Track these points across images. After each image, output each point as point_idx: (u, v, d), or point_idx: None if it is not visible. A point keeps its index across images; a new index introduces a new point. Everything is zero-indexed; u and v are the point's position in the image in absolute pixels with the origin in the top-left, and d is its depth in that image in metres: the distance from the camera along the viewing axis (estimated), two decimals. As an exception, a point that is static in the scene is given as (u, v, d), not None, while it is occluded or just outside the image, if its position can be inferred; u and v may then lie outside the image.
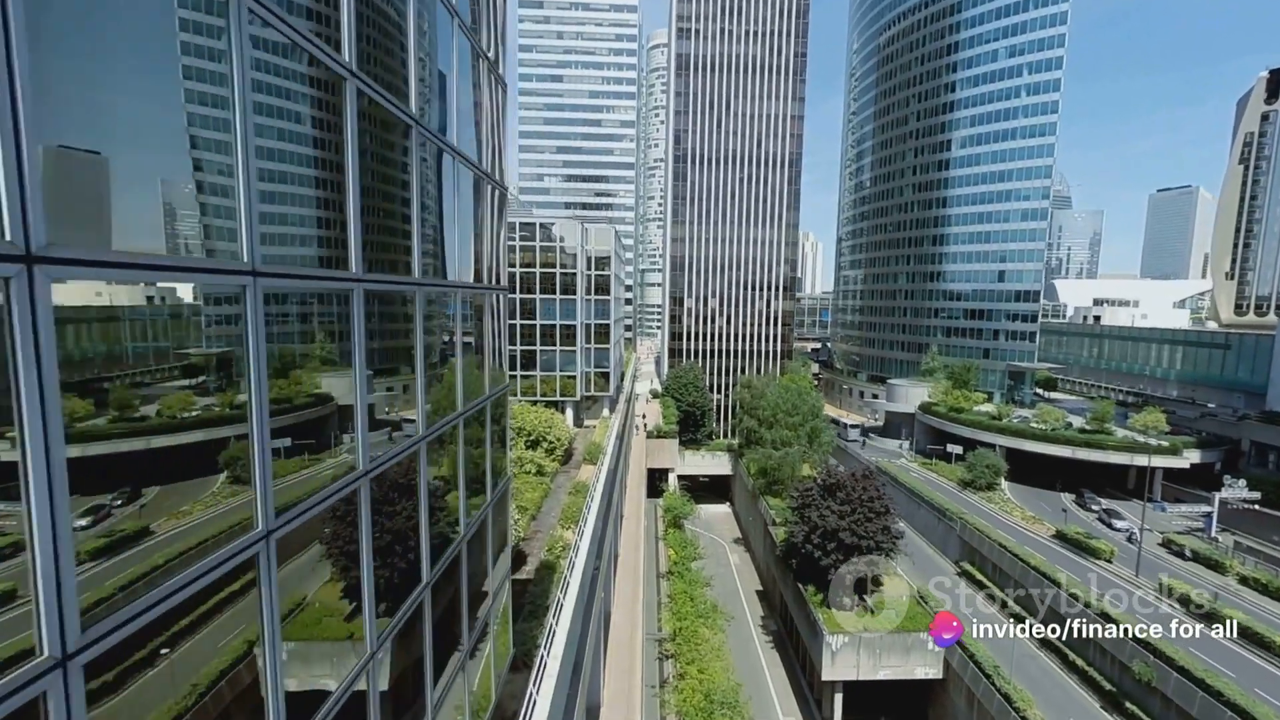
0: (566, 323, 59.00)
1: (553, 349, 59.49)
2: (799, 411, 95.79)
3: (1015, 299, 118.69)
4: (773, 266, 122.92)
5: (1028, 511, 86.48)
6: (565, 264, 59.83)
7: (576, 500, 39.49)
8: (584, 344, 60.73)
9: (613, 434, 55.18)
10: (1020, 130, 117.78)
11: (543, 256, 58.20)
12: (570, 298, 58.74)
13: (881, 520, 59.86)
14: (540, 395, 60.93)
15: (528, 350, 60.32)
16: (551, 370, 59.54)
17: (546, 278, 58.41)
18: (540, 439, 49.11)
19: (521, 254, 58.88)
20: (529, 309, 58.99)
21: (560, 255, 58.85)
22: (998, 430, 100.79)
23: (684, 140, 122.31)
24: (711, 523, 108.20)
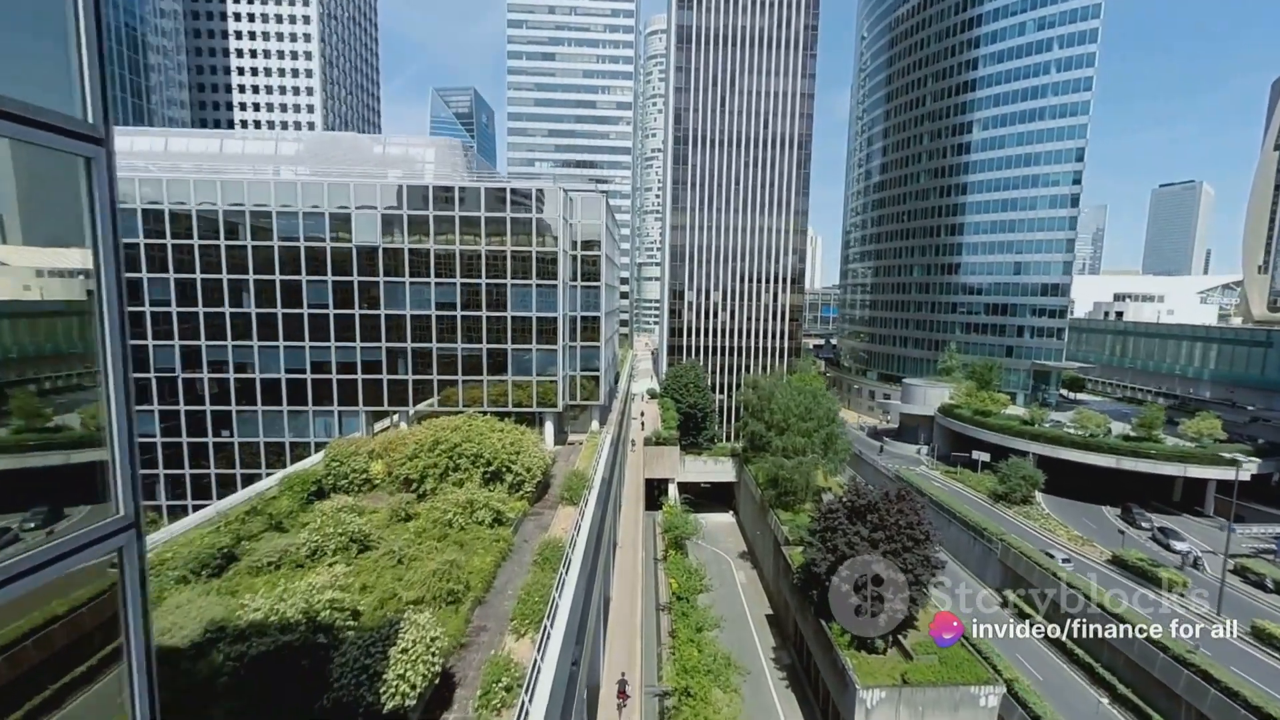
0: (545, 315, 45.59)
1: (528, 348, 45.96)
2: (813, 416, 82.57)
3: (1041, 293, 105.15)
4: (779, 256, 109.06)
5: (1073, 530, 73.07)
6: (544, 241, 46.05)
7: (543, 577, 25.72)
8: (567, 341, 47.28)
9: (602, 458, 41.45)
10: (1049, 110, 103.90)
11: (514, 232, 44.66)
12: (550, 283, 45.26)
13: (922, 550, 48.86)
14: (512, 405, 47.17)
15: (496, 349, 46.87)
16: (526, 374, 46.14)
17: (519, 258, 44.89)
18: (504, 469, 35.37)
19: (487, 228, 45.15)
20: (497, 297, 45.50)
21: (537, 230, 45.22)
22: (1031, 436, 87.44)
23: (684, 120, 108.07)
24: (714, 534, 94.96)
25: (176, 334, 45.12)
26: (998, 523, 71.84)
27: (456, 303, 46.59)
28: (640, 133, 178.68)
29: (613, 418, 55.90)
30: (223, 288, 45.05)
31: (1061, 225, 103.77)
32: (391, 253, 45.84)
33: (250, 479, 45.14)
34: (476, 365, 47.05)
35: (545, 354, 47.49)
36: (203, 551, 25.66)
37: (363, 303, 45.92)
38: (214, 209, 44.47)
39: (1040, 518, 76.24)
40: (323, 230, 45.29)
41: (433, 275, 46.07)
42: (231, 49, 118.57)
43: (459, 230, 46.03)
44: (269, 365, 45.93)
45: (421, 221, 45.66)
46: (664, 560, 70.24)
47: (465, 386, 47.13)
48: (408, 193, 45.35)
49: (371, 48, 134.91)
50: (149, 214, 44.26)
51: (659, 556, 73.66)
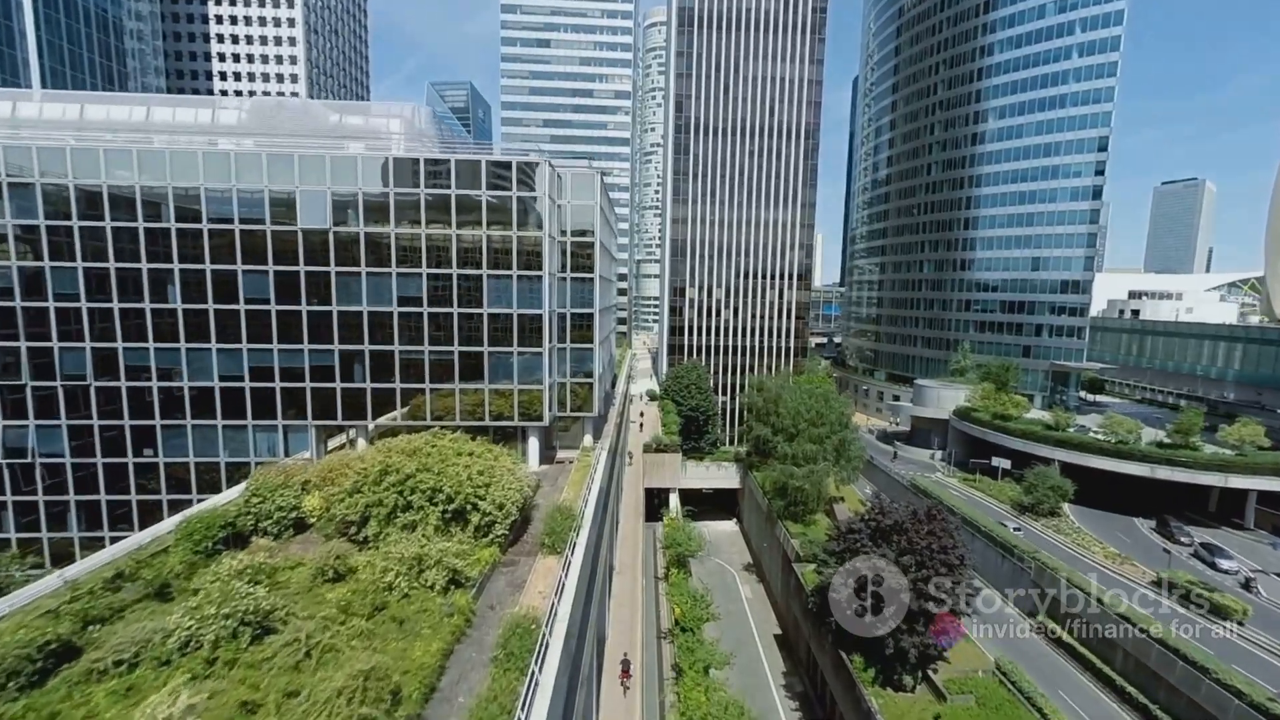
0: (528, 311, 37.00)
1: (507, 350, 37.32)
2: (824, 421, 74.05)
3: (1060, 290, 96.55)
4: (785, 252, 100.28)
5: (1107, 546, 64.58)
6: (527, 225, 37.32)
7: (507, 682, 17.19)
8: (555, 342, 38.65)
9: (594, 485, 32.73)
10: (1070, 97, 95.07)
11: (491, 214, 35.98)
12: (534, 275, 36.63)
13: (956, 575, 42.01)
14: (490, 417, 38.49)
15: (470, 352, 38.62)
16: (506, 381, 37.56)
17: (498, 245, 36.18)
18: (469, 506, 26.78)
19: (459, 209, 36.36)
20: (471, 291, 36.78)
21: (519, 213, 36.55)
22: (1055, 442, 78.95)
23: (686, 108, 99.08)
24: (717, 544, 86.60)
25: (88, 334, 36.48)
26: (1024, 537, 63.66)
27: (423, 297, 37.93)
28: (639, 127, 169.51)
29: (609, 429, 47.25)
30: (142, 279, 36.43)
31: (1083, 218, 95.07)
32: (345, 238, 37.18)
33: (181, 505, 36.65)
34: (447, 371, 38.38)
35: (528, 357, 38.81)
36: (12, 650, 17.07)
37: (311, 297, 37.30)
38: (130, 185, 35.81)
39: (1071, 531, 67.85)
40: (262, 211, 36.59)
41: (394, 265, 37.44)
42: (212, 34, 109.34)
43: (425, 212, 37.32)
44: (200, 371, 37.26)
45: (380, 201, 37.00)
46: (665, 579, 61.90)
47: (434, 396, 38.53)
48: (364, 167, 36.71)
49: (362, 36, 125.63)
50: (51, 192, 35.58)
51: (659, 575, 65.28)
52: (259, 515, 27.73)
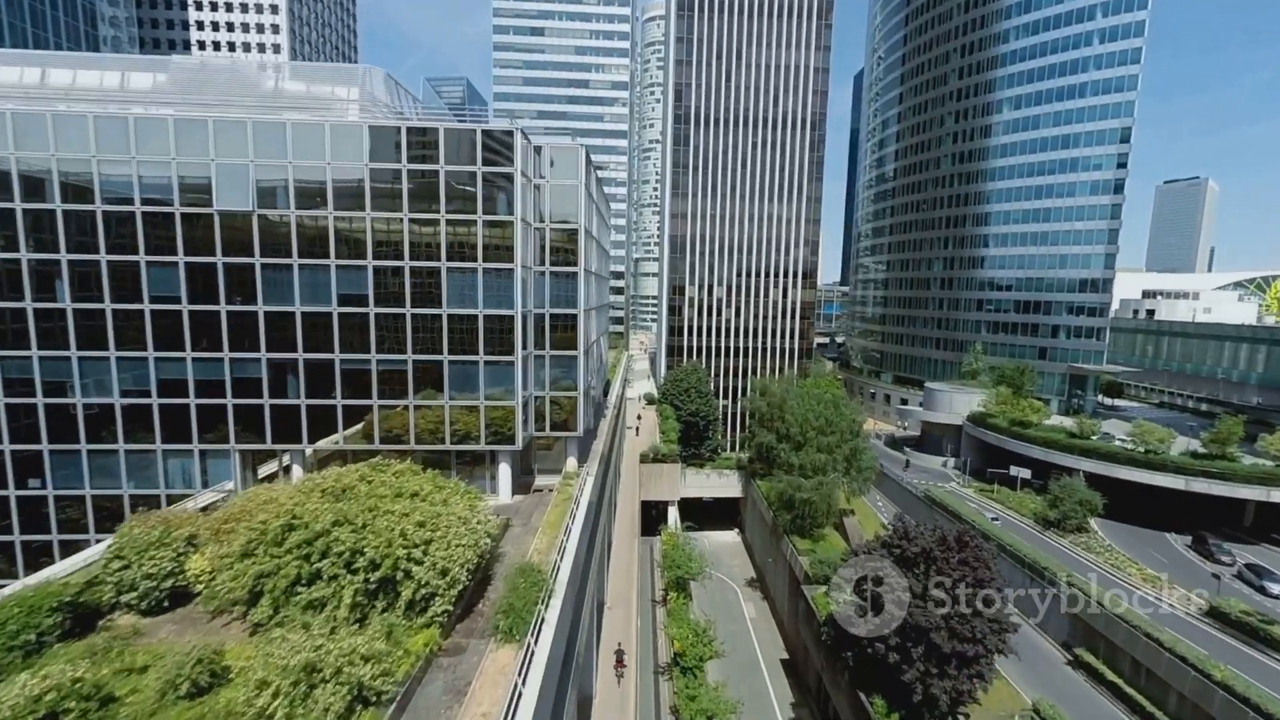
0: (498, 312, 29.37)
1: (472, 359, 29.73)
2: (834, 429, 66.30)
3: (1079, 288, 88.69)
4: (790, 248, 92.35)
5: (1144, 567, 57.00)
6: (495, 207, 29.59)
7: None
8: (531, 348, 30.89)
9: (575, 530, 24.81)
10: (1091, 86, 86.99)
11: (452, 196, 28.30)
12: (504, 268, 28.97)
13: (992, 612, 35.48)
14: (451, 440, 30.68)
15: (426, 362, 30.48)
16: (471, 395, 30.57)
17: (460, 235, 28.52)
18: (401, 573, 18.95)
19: (412, 190, 28.82)
20: (427, 289, 29.05)
21: (485, 192, 28.84)
22: (1080, 451, 71.27)
23: (686, 96, 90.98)
24: (718, 555, 78.95)
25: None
26: (1052, 555, 56.20)
27: (368, 294, 30.15)
28: (638, 123, 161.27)
29: (599, 446, 39.42)
30: (22, 272, 28.67)
31: (1103, 214, 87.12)
32: (272, 223, 29.45)
33: (78, 546, 29.05)
34: (399, 384, 30.63)
35: (498, 367, 31.03)
36: None
37: (232, 295, 29.52)
38: (3, 157, 28.01)
39: (1101, 550, 60.22)
40: (170, 190, 28.86)
41: (333, 255, 29.71)
42: (191, 20, 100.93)
43: (371, 191, 29.55)
44: (96, 385, 29.55)
45: (317, 178, 29.26)
46: (663, 603, 54.32)
47: (384, 414, 30.76)
48: (295, 136, 28.92)
49: (350, 24, 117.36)
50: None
51: (656, 598, 57.71)
52: (120, 586, 20.04)
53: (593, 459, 36.95)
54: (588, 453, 38.48)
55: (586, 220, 34.26)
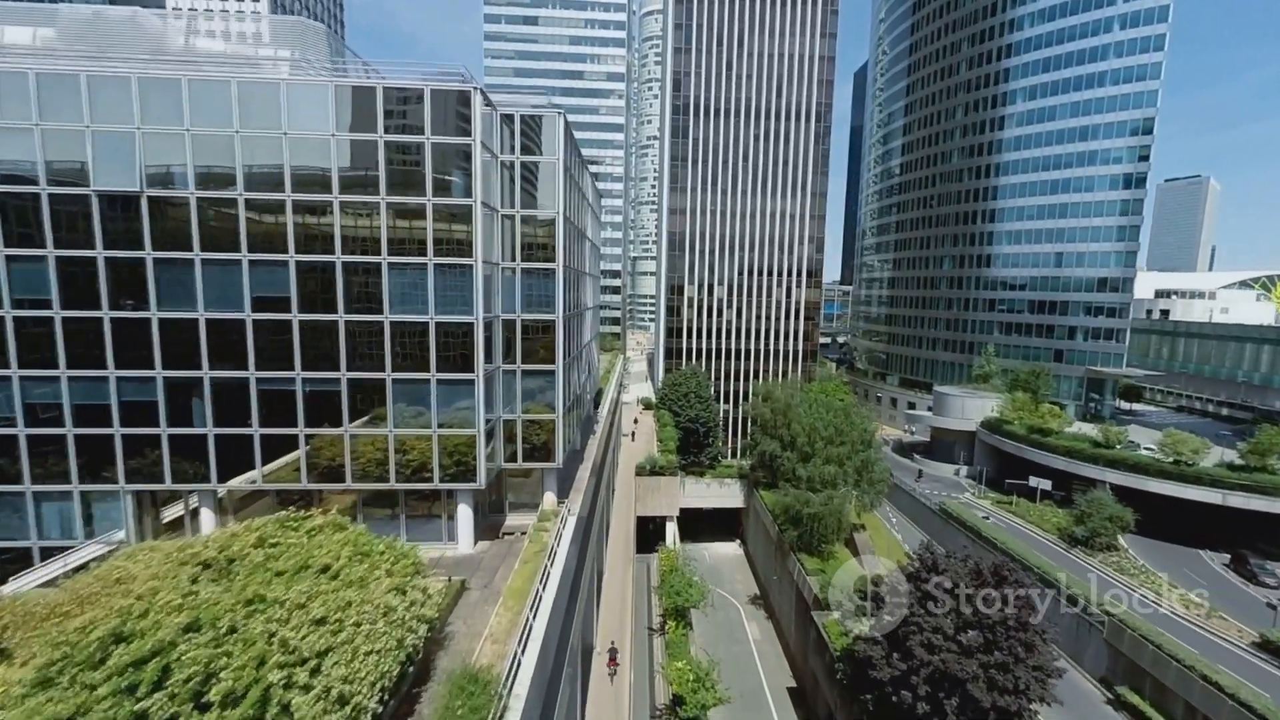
0: (453, 319, 22.82)
1: (420, 377, 23.35)
2: (844, 439, 59.59)
3: (1097, 288, 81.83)
4: (794, 246, 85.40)
5: (1185, 592, 50.36)
6: (449, 189, 22.74)
7: None
8: (497, 362, 24.21)
9: (541, 619, 17.60)
10: (1111, 74, 79.90)
11: (395, 172, 21.69)
12: (460, 264, 22.43)
13: (1036, 659, 30.20)
14: (397, 477, 23.79)
15: (364, 380, 23.79)
16: (418, 421, 23.91)
17: (404, 221, 21.91)
18: (273, 707, 12.36)
19: (343, 163, 22.46)
20: (364, 289, 22.42)
21: (437, 169, 22.17)
22: (1106, 462, 64.49)
23: (685, 86, 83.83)
24: (719, 568, 72.38)
25: None
26: (1083, 577, 49.81)
27: (291, 296, 23.25)
28: (635, 119, 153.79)
29: (585, 475, 32.46)
30: None
31: (1123, 209, 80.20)
32: (167, 207, 22.65)
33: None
34: (331, 408, 23.85)
35: (453, 387, 24.19)
36: None
37: (118, 297, 22.68)
38: None
39: (1135, 571, 53.63)
40: (34, 165, 21.94)
41: (245, 248, 22.87)
42: None
43: (291, 168, 22.70)
44: (-55, 411, 22.78)
45: (222, 152, 22.38)
46: (661, 631, 47.62)
47: (313, 446, 23.96)
48: (194, 97, 22.09)
49: (336, 14, 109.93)
50: None
51: (653, 625, 50.95)
52: None
53: (577, 490, 30.13)
54: (571, 481, 31.61)
55: (567, 206, 27.33)
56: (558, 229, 26.41)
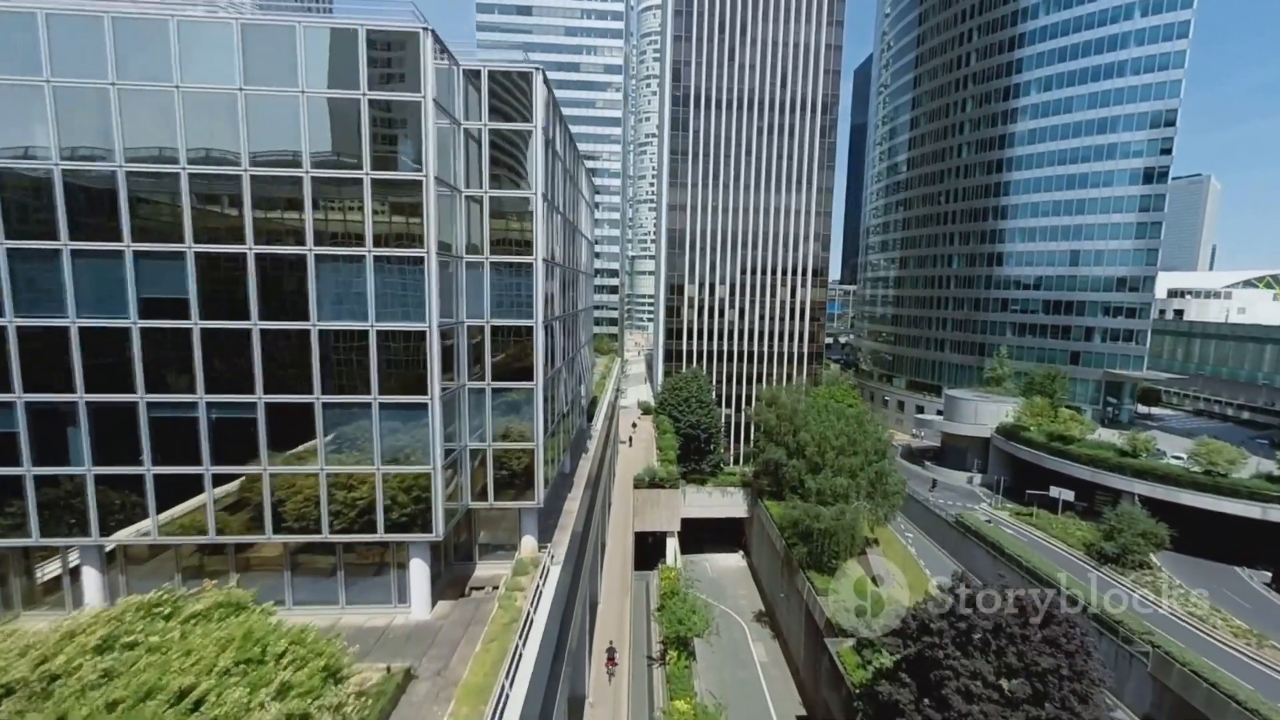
0: (401, 327, 17.72)
1: (360, 400, 17.42)
2: (857, 448, 54.07)
3: (1115, 287, 76.28)
4: (799, 243, 79.71)
5: (1229, 616, 45.16)
6: (393, 162, 17.27)
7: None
8: (463, 378, 18.89)
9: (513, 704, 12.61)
10: (1131, 64, 74.19)
11: (319, 138, 16.61)
12: (408, 255, 17.32)
13: (1091, 710, 24.80)
14: (332, 529, 18.24)
15: (287, 405, 17.79)
16: (361, 455, 18.13)
17: (337, 202, 16.83)
18: None
19: (254, 125, 17.22)
20: (286, 289, 17.07)
21: (376, 135, 16.95)
22: (1134, 472, 59.14)
23: (685, 76, 77.97)
24: (722, 582, 67.03)
25: None
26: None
27: (190, 298, 17.58)
28: (634, 116, 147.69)
29: (573, 508, 26.67)
30: None
31: (1144, 205, 74.62)
32: (18, 183, 16.96)
33: None
34: (244, 440, 18.08)
35: (402, 413, 18.54)
36: None
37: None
38: None
39: (1174, 592, 48.19)
40: None
41: (128, 235, 17.17)
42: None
43: (187, 132, 16.99)
44: None
45: (94, 112, 16.71)
46: (661, 661, 42.13)
47: (222, 489, 18.39)
48: (53, 34, 16.48)
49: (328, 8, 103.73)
50: None
51: (652, 655, 45.40)
52: None
53: (564, 528, 24.46)
54: (557, 516, 25.92)
55: (548, 185, 21.64)
56: (536, 213, 20.68)
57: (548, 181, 21.80)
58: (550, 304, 23.16)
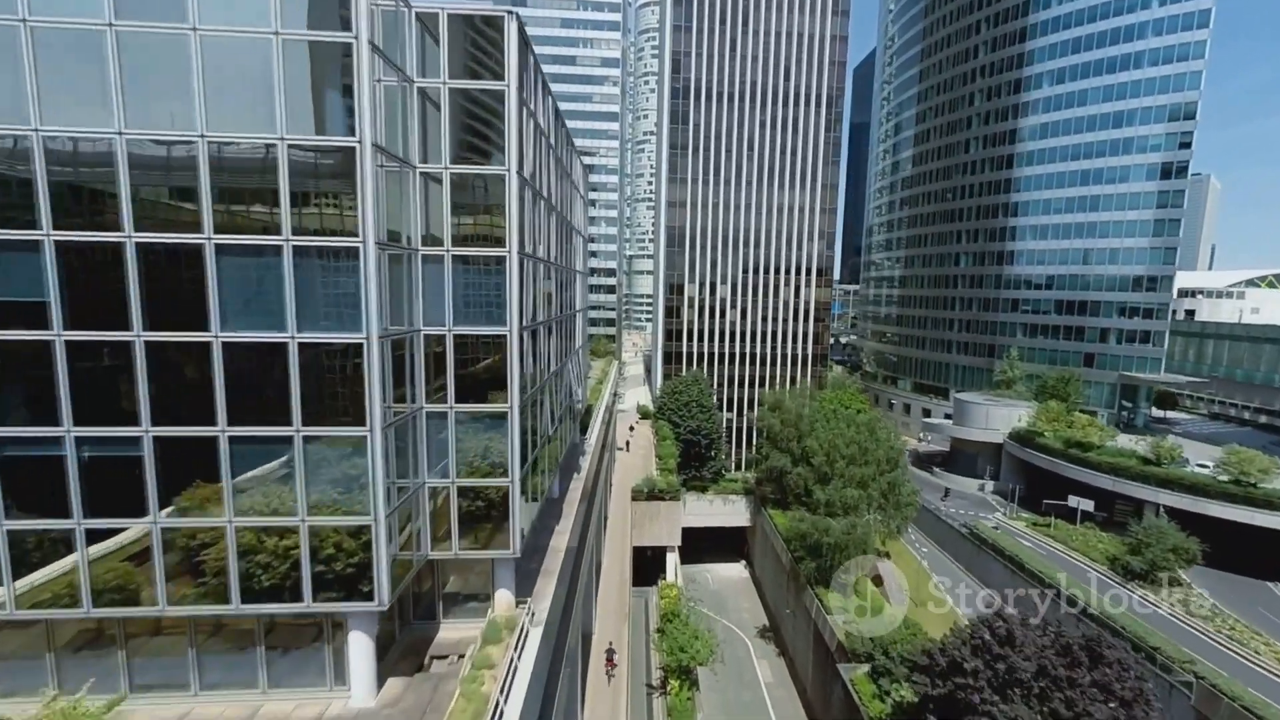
0: (331, 339, 13.86)
1: (278, 433, 13.70)
2: (869, 457, 49.72)
3: (1132, 286, 72.07)
4: (803, 242, 75.26)
5: (1272, 640, 41.08)
6: (320, 123, 13.06)
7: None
8: (419, 400, 14.71)
9: None
10: (1149, 54, 69.86)
11: (222, 90, 12.66)
12: (342, 245, 13.42)
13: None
14: (245, 596, 14.00)
15: (182, 440, 13.13)
16: (280, 498, 14.04)
17: (244, 174, 13.05)
18: None
19: (126, 70, 13.04)
20: (180, 289, 13.18)
21: (299, 94, 12.82)
22: (1159, 482, 54.94)
23: (685, 67, 73.38)
24: (723, 594, 62.76)
25: None
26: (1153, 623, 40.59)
27: (50, 302, 12.98)
28: (631, 113, 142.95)
29: (560, 543, 22.21)
30: None
31: (1161, 201, 70.49)
32: None
33: None
34: (126, 485, 13.68)
35: (335, 447, 14.19)
36: None
37: None
38: None
39: (1210, 614, 44.05)
40: None
41: (-41, 218, 12.94)
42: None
43: (38, 85, 12.75)
44: None
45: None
46: (661, 691, 37.85)
47: (100, 548, 14.06)
48: None
49: None
50: None
51: (652, 683, 41.10)
52: None
53: (549, 574, 19.98)
54: (540, 558, 21.43)
55: (527, 160, 17.19)
56: (509, 195, 16.19)
57: (528, 156, 17.29)
58: (531, 307, 18.68)
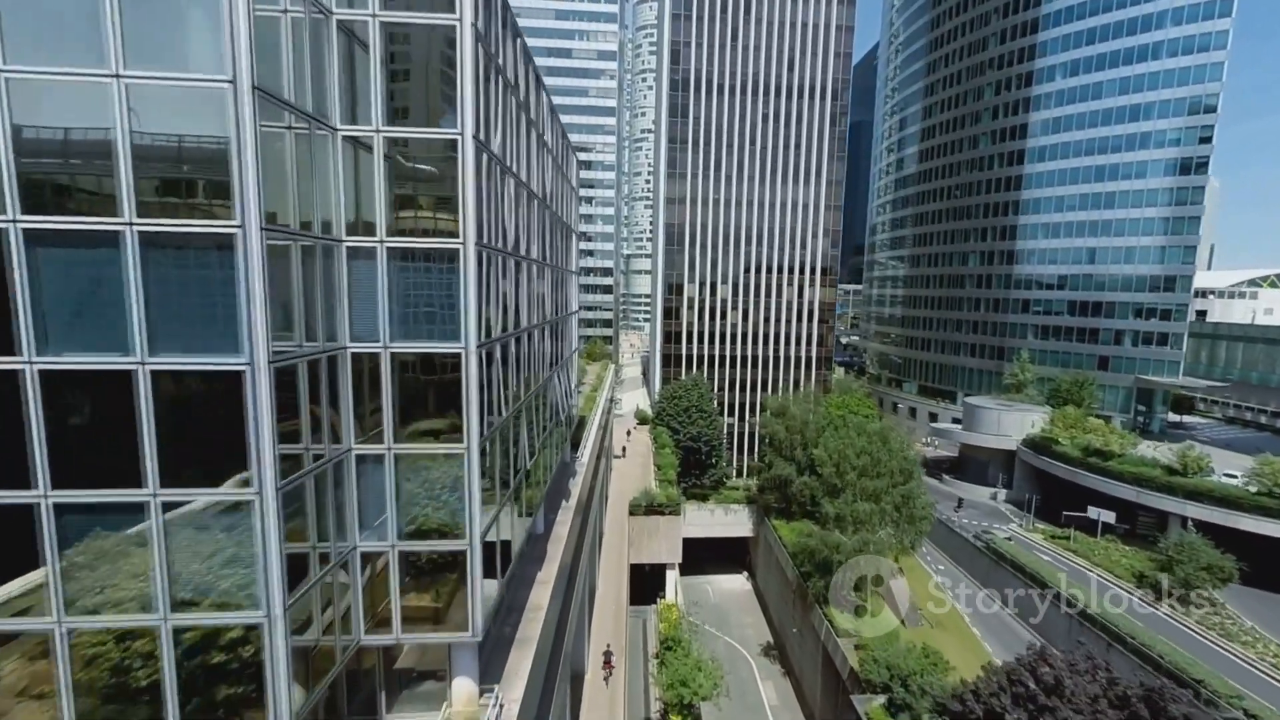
0: (195, 363, 9.18)
1: (130, 498, 8.45)
2: (882, 469, 45.65)
3: (1149, 287, 68.01)
4: (807, 240, 70.98)
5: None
6: (179, 60, 8.95)
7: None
8: (346, 442, 10.67)
9: None
10: (1167, 45, 65.65)
11: (30, 18, 8.80)
12: (211, 230, 9.60)
13: None
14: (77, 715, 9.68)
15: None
16: (132, 587, 9.09)
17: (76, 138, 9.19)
18: None
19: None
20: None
21: (158, 18, 8.84)
22: (1187, 493, 50.85)
23: (684, 58, 68.92)
24: (726, 608, 58.78)
25: None
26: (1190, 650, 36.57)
27: None
28: (629, 111, 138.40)
29: (542, 599, 17.88)
30: None
31: (1179, 198, 66.32)
32: None
33: None
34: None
35: (203, 521, 10.06)
36: None
37: None
38: None
39: (1248, 636, 40.14)
40: None
41: None
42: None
43: None
44: None
45: None
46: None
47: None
48: None
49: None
50: None
51: (650, 717, 36.95)
52: None
53: (525, 645, 15.67)
54: (518, 618, 17.16)
55: (482, 124, 12.88)
56: (463, 165, 11.91)
57: (489, 120, 12.99)
58: (500, 314, 14.38)
